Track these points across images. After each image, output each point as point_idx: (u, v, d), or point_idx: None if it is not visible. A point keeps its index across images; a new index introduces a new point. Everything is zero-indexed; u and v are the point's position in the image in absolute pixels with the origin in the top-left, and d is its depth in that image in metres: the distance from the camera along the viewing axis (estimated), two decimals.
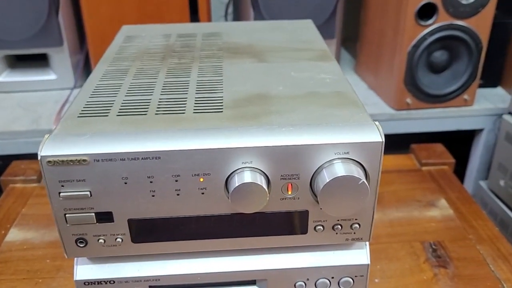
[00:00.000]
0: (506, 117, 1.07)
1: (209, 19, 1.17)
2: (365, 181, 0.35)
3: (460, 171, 1.21)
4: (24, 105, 1.15)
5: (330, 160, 0.35)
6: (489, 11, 1.02)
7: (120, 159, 0.34)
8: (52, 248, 0.59)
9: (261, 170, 0.35)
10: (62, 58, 1.18)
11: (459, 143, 1.24)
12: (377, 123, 0.37)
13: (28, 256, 0.58)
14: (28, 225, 0.63)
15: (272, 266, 0.40)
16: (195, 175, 0.35)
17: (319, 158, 0.35)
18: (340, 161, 0.35)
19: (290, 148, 0.35)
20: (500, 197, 1.10)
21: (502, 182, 1.08)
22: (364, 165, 0.36)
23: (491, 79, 1.21)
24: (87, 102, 0.41)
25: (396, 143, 1.19)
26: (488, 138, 1.17)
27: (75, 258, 0.40)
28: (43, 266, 0.56)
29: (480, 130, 1.18)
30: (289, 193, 0.37)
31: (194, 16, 1.15)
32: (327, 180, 0.35)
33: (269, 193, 0.36)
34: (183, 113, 0.39)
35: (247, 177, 0.35)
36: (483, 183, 1.19)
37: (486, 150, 1.18)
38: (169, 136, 0.35)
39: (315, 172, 0.36)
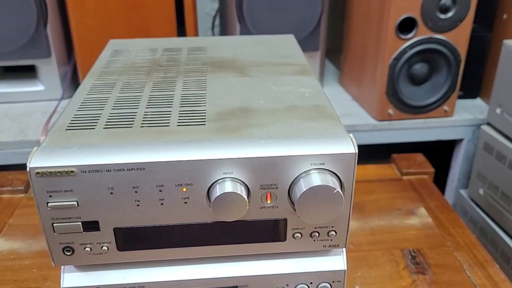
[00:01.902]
0: (484, 127, 1.10)
1: (196, 32, 1.19)
2: (340, 191, 0.37)
3: (441, 180, 1.24)
4: (12, 115, 1.16)
5: (307, 171, 0.37)
6: (466, 25, 1.06)
7: (106, 170, 0.36)
8: (39, 257, 0.60)
9: (241, 180, 0.37)
10: (50, 70, 1.19)
11: (440, 152, 1.27)
12: (351, 135, 0.39)
13: (15, 266, 0.59)
14: (15, 235, 0.64)
15: (253, 273, 0.42)
16: (178, 185, 0.37)
17: (296, 168, 0.37)
18: (316, 171, 0.37)
19: (268, 159, 0.37)
20: (480, 205, 1.13)
21: (481, 191, 1.11)
22: (339, 175, 0.38)
23: (470, 91, 1.24)
24: (75, 115, 0.43)
25: (378, 153, 1.21)
26: (468, 148, 1.20)
27: (62, 266, 0.41)
28: (30, 276, 0.57)
29: (460, 140, 1.20)
30: (268, 202, 0.39)
31: (181, 28, 1.17)
32: (304, 190, 0.36)
33: (249, 202, 0.38)
34: (168, 125, 0.40)
35: (228, 187, 0.36)
36: (463, 192, 1.21)
37: (466, 159, 1.21)
38: (153, 148, 0.37)
39: (292, 182, 0.38)
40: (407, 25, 1.04)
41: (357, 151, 0.37)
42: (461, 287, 0.57)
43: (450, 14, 1.04)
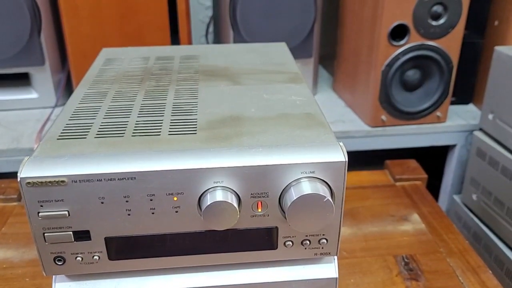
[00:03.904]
0: (477, 133, 1.11)
1: (189, 39, 1.19)
2: (330, 199, 0.37)
3: (435, 185, 1.24)
4: (5, 123, 1.15)
5: (297, 179, 0.38)
6: (458, 32, 1.07)
7: (97, 180, 0.36)
8: (31, 266, 0.60)
9: (232, 189, 0.37)
10: (43, 77, 1.19)
11: (433, 158, 1.28)
12: (341, 143, 0.39)
13: (7, 275, 0.58)
14: (8, 243, 0.64)
15: (245, 281, 0.42)
16: (169, 194, 0.37)
17: (287, 177, 0.37)
18: (306, 179, 0.37)
19: (259, 168, 0.37)
20: (473, 210, 1.13)
21: (474, 196, 1.12)
22: (329, 183, 0.38)
23: (463, 96, 1.25)
24: (67, 124, 0.43)
25: (371, 159, 1.22)
26: (461, 153, 1.20)
27: (54, 276, 0.41)
28: (23, 285, 0.57)
29: (453, 146, 1.21)
30: (259, 210, 0.39)
31: (174, 36, 1.17)
32: (294, 198, 0.37)
33: (239, 211, 0.38)
34: (159, 135, 0.40)
35: (219, 195, 0.37)
36: (457, 197, 1.22)
37: (459, 165, 1.22)
38: (144, 158, 0.37)
39: (283, 190, 0.38)
40: (399, 32, 1.05)
41: (347, 159, 0.37)
42: None
43: (442, 21, 1.05)
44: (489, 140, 1.06)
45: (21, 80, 1.21)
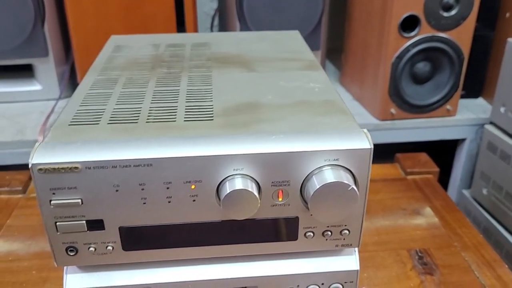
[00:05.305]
0: (488, 126, 1.09)
1: (195, 31, 1.18)
2: (355, 187, 0.35)
3: (443, 180, 1.23)
4: (9, 115, 1.14)
5: (320, 167, 0.36)
6: (470, 24, 1.05)
7: (112, 167, 0.34)
8: (38, 259, 0.58)
9: (252, 177, 0.36)
10: (47, 69, 1.17)
11: (442, 152, 1.26)
12: (365, 130, 0.37)
13: (13, 267, 0.57)
14: (13, 236, 0.62)
15: (263, 273, 0.40)
16: (186, 182, 0.36)
17: (309, 165, 0.36)
18: (329, 167, 0.36)
19: (280, 155, 0.35)
20: (483, 205, 1.12)
21: (485, 191, 1.10)
22: (353, 172, 0.36)
23: (472, 90, 1.24)
24: (78, 110, 0.41)
25: (380, 153, 1.20)
26: (470, 147, 1.19)
27: (65, 267, 0.40)
28: (29, 278, 0.56)
29: (463, 140, 1.20)
30: (280, 199, 0.37)
31: (180, 28, 1.15)
32: (317, 187, 0.35)
33: (260, 200, 0.36)
34: (174, 121, 0.39)
35: (238, 184, 0.35)
36: (466, 192, 1.20)
37: (468, 159, 1.20)
38: (160, 144, 0.35)
39: (305, 178, 0.36)
40: (409, 23, 1.04)
41: (372, 147, 0.36)
42: (470, 287, 0.56)
43: (453, 12, 1.03)
44: (500, 133, 1.05)
45: (25, 71, 1.20)
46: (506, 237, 1.02)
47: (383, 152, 1.18)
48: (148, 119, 0.39)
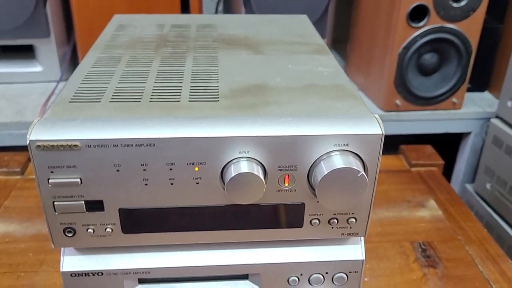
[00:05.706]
0: (494, 121, 1.08)
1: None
2: (364, 174, 0.34)
3: (446, 174, 1.22)
4: (9, 96, 1.12)
5: (329, 152, 0.35)
6: (479, 15, 1.03)
7: (113, 146, 0.33)
8: (35, 241, 0.57)
9: (258, 161, 0.34)
10: (48, 50, 1.16)
11: (446, 145, 1.25)
12: (376, 115, 0.36)
13: (10, 249, 0.56)
14: (11, 217, 0.62)
15: (266, 260, 0.39)
16: (190, 164, 0.34)
17: (318, 149, 0.35)
18: (338, 153, 0.35)
19: (288, 138, 0.34)
20: (486, 200, 1.11)
21: (488, 186, 1.09)
22: (363, 158, 0.35)
23: (479, 84, 1.22)
24: (79, 87, 0.40)
25: (385, 144, 1.19)
26: (475, 141, 1.18)
27: (62, 249, 0.38)
28: (26, 260, 0.55)
29: (468, 134, 1.18)
30: (286, 185, 0.36)
31: (185, 12, 1.13)
32: (326, 172, 0.34)
33: (265, 184, 0.35)
34: (178, 101, 0.38)
35: (244, 167, 0.34)
36: (469, 186, 1.19)
37: (473, 153, 1.19)
38: (164, 123, 0.34)
39: (313, 164, 0.35)
40: (418, 13, 1.02)
41: (383, 133, 0.35)
42: (474, 282, 0.55)
43: (463, 3, 1.01)
44: (506, 128, 1.04)
45: (25, 52, 1.18)
46: (509, 232, 1.01)
47: (387, 144, 1.16)
48: (151, 98, 0.38)
